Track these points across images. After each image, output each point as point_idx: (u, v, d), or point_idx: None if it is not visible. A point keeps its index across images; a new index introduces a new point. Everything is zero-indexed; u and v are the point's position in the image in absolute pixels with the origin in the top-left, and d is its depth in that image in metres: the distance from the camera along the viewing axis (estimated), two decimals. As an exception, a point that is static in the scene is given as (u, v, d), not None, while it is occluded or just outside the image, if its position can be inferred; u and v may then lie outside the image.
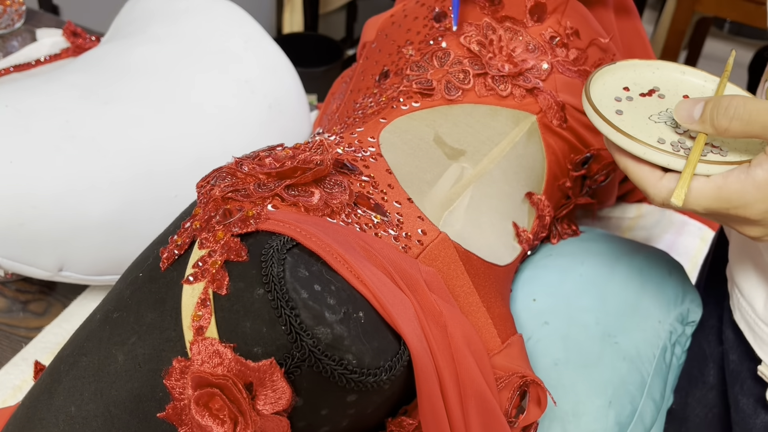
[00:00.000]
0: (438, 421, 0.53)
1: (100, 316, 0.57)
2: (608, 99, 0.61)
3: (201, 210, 0.56)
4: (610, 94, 0.62)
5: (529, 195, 0.78)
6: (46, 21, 1.26)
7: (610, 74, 0.64)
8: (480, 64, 0.77)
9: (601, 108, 0.59)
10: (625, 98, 0.62)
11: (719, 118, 0.51)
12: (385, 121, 0.72)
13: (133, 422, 0.52)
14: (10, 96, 0.80)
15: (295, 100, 0.97)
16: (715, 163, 0.53)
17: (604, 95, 0.62)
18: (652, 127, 0.58)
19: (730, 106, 0.51)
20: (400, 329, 0.52)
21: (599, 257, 0.81)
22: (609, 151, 0.59)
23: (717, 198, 0.52)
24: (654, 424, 0.72)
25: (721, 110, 0.51)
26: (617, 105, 0.61)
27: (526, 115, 0.78)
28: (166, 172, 0.80)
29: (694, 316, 0.80)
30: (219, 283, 0.51)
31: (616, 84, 0.63)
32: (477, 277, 0.67)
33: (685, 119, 0.54)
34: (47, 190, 0.74)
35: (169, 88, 0.85)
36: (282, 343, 0.49)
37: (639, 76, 0.64)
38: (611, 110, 0.60)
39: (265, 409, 0.49)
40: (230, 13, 0.97)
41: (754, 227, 0.54)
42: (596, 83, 0.62)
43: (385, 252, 0.57)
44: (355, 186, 0.62)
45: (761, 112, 0.50)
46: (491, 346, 0.65)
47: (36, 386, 0.58)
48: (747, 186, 0.51)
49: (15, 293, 0.87)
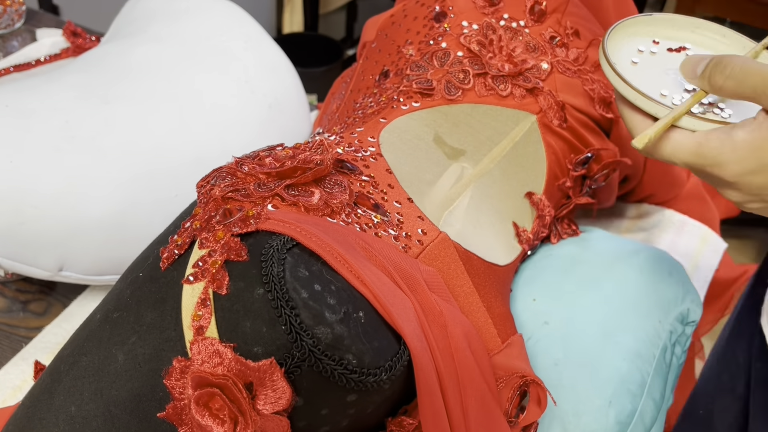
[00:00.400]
0: (438, 421, 0.53)
1: (100, 316, 0.57)
2: (630, 47, 0.61)
3: (201, 210, 0.56)
4: (635, 43, 0.61)
5: (529, 195, 0.78)
6: (46, 21, 1.26)
7: (644, 24, 0.63)
8: (480, 63, 0.77)
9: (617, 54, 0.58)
10: (648, 50, 0.61)
11: (716, 75, 0.51)
12: (385, 120, 0.72)
13: (133, 422, 0.52)
14: (10, 96, 0.80)
15: (295, 100, 0.97)
16: (703, 119, 0.53)
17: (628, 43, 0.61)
18: (663, 80, 0.58)
19: (728, 65, 0.51)
20: (400, 329, 0.52)
21: (599, 257, 0.81)
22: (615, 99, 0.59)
23: (695, 153, 0.52)
24: (654, 423, 0.72)
25: (719, 68, 0.51)
26: (637, 55, 0.60)
27: (526, 115, 0.78)
28: (166, 172, 0.80)
29: (695, 316, 0.80)
30: (219, 282, 0.51)
31: (646, 34, 0.62)
32: (477, 276, 0.67)
33: (688, 73, 0.54)
34: (47, 189, 0.74)
35: (169, 88, 0.85)
36: (282, 343, 0.49)
37: (676, 31, 0.63)
38: (627, 58, 0.59)
39: (265, 408, 0.49)
40: (230, 13, 0.97)
41: (732, 191, 0.53)
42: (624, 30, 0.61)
43: (386, 252, 0.57)
44: (355, 186, 0.62)
45: (753, 74, 0.50)
46: (491, 346, 0.65)
47: (36, 386, 0.58)
48: (725, 145, 0.51)
49: (15, 293, 0.87)
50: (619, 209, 1.01)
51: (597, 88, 0.82)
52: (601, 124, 0.84)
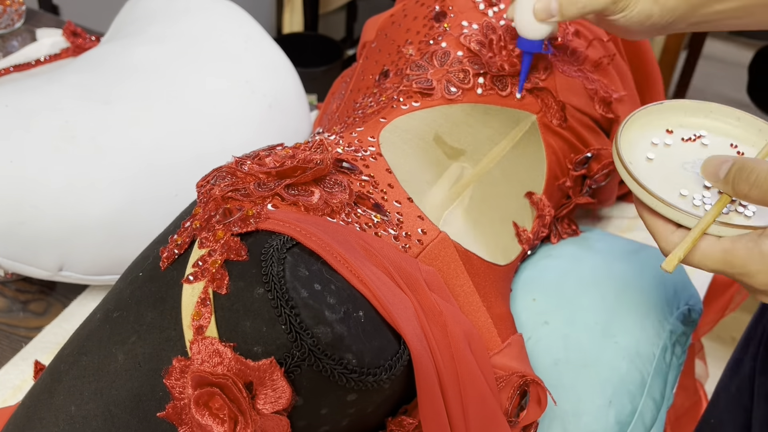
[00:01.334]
0: (438, 420, 0.53)
1: (100, 316, 0.57)
2: (645, 141, 0.59)
3: (201, 209, 0.56)
4: (648, 135, 0.60)
5: (529, 194, 0.78)
6: (46, 21, 1.26)
7: (656, 114, 0.61)
8: (480, 63, 0.77)
9: (631, 151, 0.57)
10: (663, 143, 0.59)
11: (741, 182, 0.50)
12: (385, 120, 0.72)
13: (133, 421, 0.52)
14: (10, 96, 0.80)
15: (295, 100, 0.97)
16: (728, 225, 0.51)
17: (642, 137, 0.59)
18: (681, 176, 0.56)
19: (753, 171, 0.49)
20: (400, 328, 0.52)
21: (599, 257, 0.81)
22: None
23: (723, 262, 0.51)
24: (654, 423, 0.72)
25: (744, 174, 0.50)
26: (652, 150, 0.59)
27: (526, 115, 0.78)
28: (166, 171, 0.80)
29: (695, 316, 0.80)
30: (219, 282, 0.51)
31: (659, 124, 0.61)
32: (477, 276, 0.67)
33: (711, 176, 0.52)
34: (47, 189, 0.74)
35: (169, 88, 0.85)
36: (282, 343, 0.49)
37: (688, 118, 0.62)
38: (642, 155, 0.58)
39: (265, 408, 0.49)
40: (230, 13, 0.97)
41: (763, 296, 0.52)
42: (637, 122, 0.60)
43: (385, 251, 0.57)
44: (355, 185, 0.62)
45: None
46: (491, 346, 0.65)
47: (36, 386, 0.58)
48: (753, 255, 0.50)
49: (15, 293, 0.87)
50: (619, 209, 1.01)
51: (597, 88, 0.82)
52: (601, 124, 0.84)
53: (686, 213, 0.52)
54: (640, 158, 0.58)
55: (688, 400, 0.96)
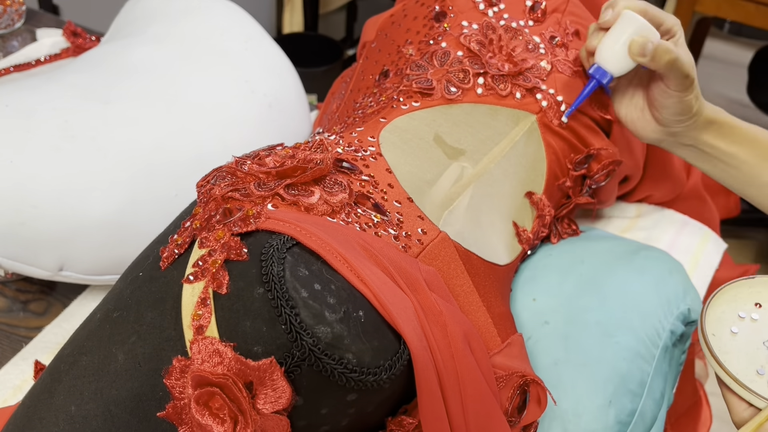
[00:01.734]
0: (438, 420, 0.53)
1: (100, 316, 0.57)
2: (731, 314, 0.60)
3: (201, 209, 0.56)
4: (735, 307, 0.61)
5: (529, 194, 0.78)
6: (46, 21, 1.26)
7: (746, 287, 0.62)
8: (480, 63, 0.77)
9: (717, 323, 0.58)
10: (749, 317, 0.60)
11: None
12: (385, 120, 0.72)
13: (133, 421, 0.52)
14: (10, 96, 0.80)
15: (295, 100, 0.97)
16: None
17: (729, 308, 0.60)
18: (762, 353, 0.58)
19: None
20: (400, 328, 0.52)
21: (599, 257, 0.81)
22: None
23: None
24: (654, 423, 0.72)
25: None
26: (738, 323, 0.60)
27: (526, 115, 0.78)
28: (166, 171, 0.80)
29: (695, 316, 0.80)
30: (219, 282, 0.51)
31: (748, 297, 0.62)
32: (477, 276, 0.67)
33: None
34: (47, 189, 0.74)
35: (169, 88, 0.85)
36: (282, 342, 0.49)
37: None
38: (727, 327, 0.59)
39: (265, 408, 0.49)
40: (230, 13, 0.97)
41: None
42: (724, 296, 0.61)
43: (385, 251, 0.57)
44: (355, 185, 0.62)
45: None
46: (491, 346, 0.65)
47: (36, 386, 0.58)
48: None
49: (15, 293, 0.87)
50: (619, 209, 1.01)
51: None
52: (601, 124, 0.84)
53: (757, 395, 0.55)
54: (725, 331, 0.59)
55: (688, 400, 0.96)
